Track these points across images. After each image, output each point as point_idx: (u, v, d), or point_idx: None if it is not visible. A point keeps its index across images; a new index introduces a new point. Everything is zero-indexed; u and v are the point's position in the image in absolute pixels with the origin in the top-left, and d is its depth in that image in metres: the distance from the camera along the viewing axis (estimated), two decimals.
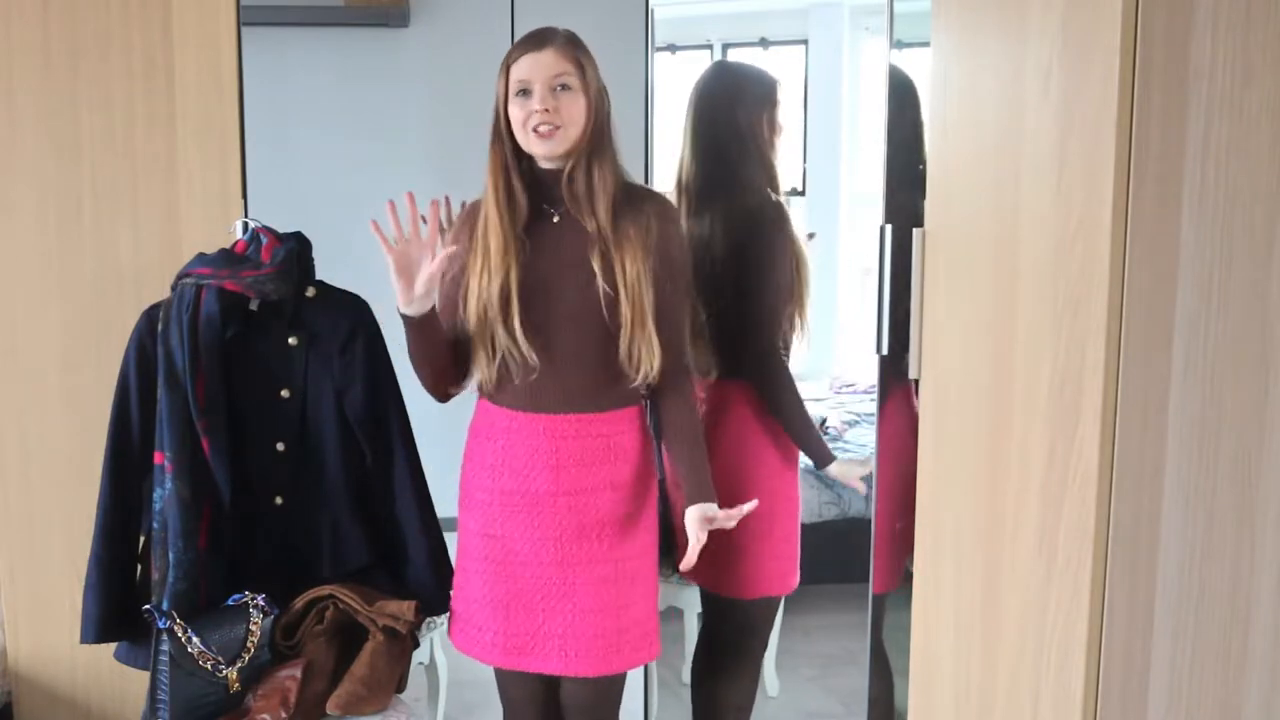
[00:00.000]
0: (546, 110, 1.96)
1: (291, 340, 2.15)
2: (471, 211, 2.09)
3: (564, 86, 1.98)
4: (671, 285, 2.08)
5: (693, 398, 2.18)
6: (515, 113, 2.00)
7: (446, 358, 2.08)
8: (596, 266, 1.99)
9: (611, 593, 2.06)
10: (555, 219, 2.04)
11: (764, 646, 2.60)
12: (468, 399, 2.15)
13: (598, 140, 2.02)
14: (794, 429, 2.41)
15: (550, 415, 2.04)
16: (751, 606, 2.49)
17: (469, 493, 2.14)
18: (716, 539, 2.44)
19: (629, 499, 2.09)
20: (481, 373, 2.06)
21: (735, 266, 2.35)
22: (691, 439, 2.12)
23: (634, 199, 2.07)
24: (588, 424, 2.05)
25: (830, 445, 3.88)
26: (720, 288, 2.36)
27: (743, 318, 2.37)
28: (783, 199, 2.43)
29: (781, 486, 2.45)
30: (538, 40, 2.00)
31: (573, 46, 2.01)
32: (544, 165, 2.04)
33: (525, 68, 1.99)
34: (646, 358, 2.02)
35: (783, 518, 2.46)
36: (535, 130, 1.98)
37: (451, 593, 2.18)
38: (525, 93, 1.99)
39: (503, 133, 2.03)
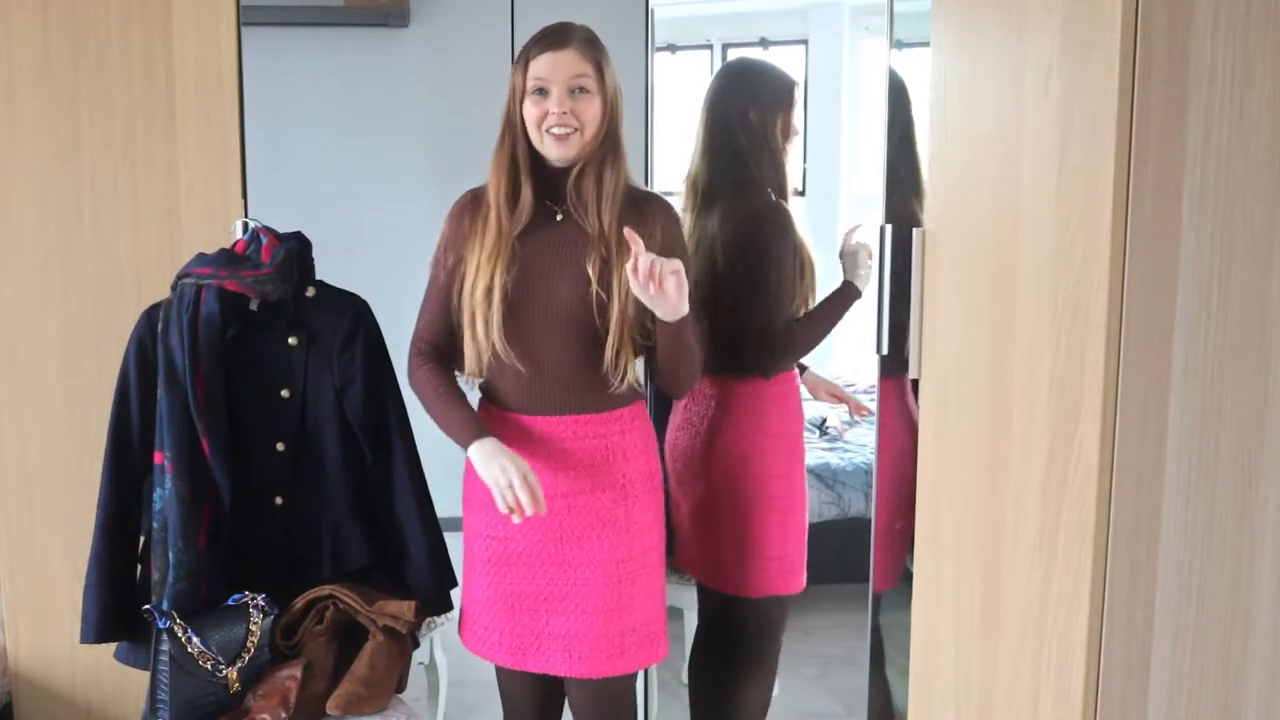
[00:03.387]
0: (564, 113, 1.95)
1: (291, 340, 2.15)
2: (471, 200, 2.07)
3: (582, 89, 1.96)
4: None
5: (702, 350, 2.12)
6: (530, 111, 1.97)
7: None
8: (592, 271, 1.97)
9: (614, 593, 2.05)
10: (559, 217, 2.02)
11: (778, 646, 2.58)
12: (466, 395, 2.14)
13: (611, 142, 2.01)
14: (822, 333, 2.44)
15: (547, 418, 2.03)
16: (760, 605, 2.46)
17: (471, 493, 2.13)
18: (724, 537, 2.42)
19: (630, 499, 2.07)
20: (469, 366, 2.04)
21: (737, 268, 2.35)
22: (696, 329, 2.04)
23: (637, 202, 2.04)
24: (586, 425, 2.04)
25: (830, 445, 3.90)
26: (724, 288, 2.35)
27: (745, 319, 2.36)
28: (789, 202, 2.42)
29: (789, 486, 2.44)
30: (558, 38, 1.97)
31: (593, 47, 1.99)
32: (554, 164, 2.02)
33: (544, 66, 1.96)
34: (629, 366, 2.01)
35: (790, 515, 2.44)
36: (550, 132, 1.96)
37: (461, 592, 2.18)
38: (542, 91, 1.96)
39: (516, 126, 2.00)
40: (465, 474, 2.17)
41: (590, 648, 2.05)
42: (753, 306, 2.35)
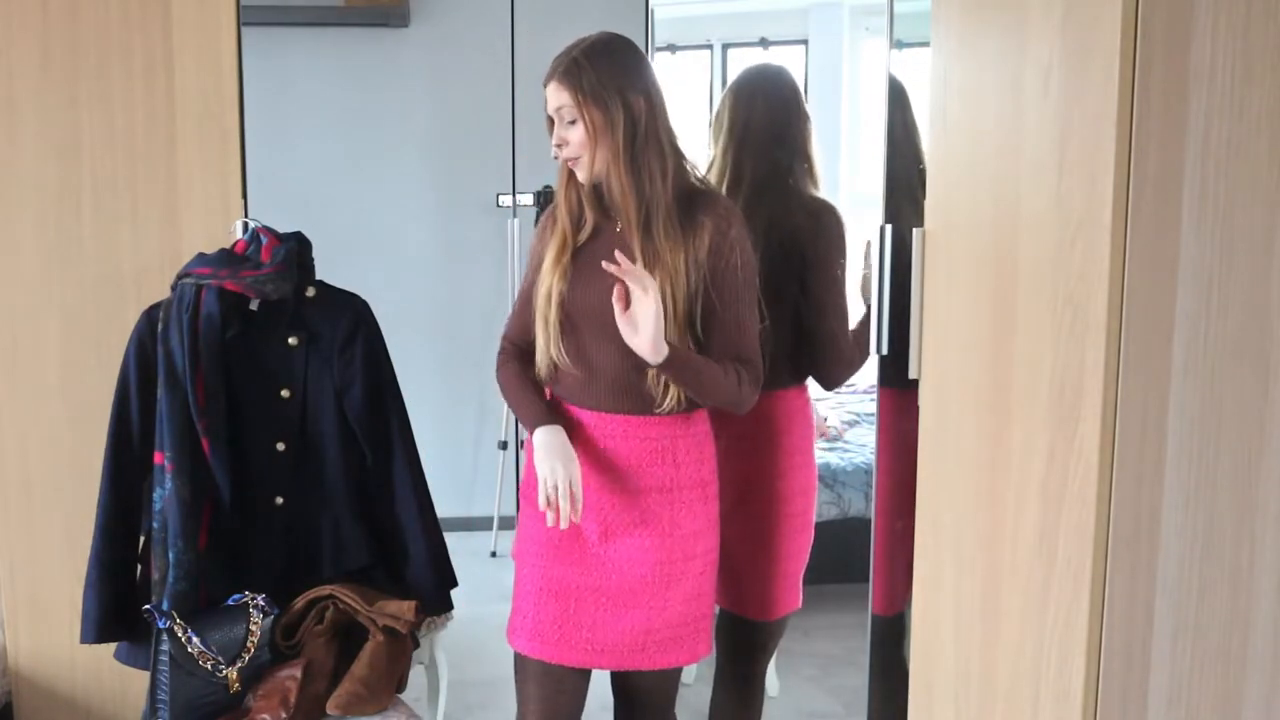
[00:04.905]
0: (558, 145, 2.00)
1: (291, 340, 2.15)
2: (552, 210, 2.12)
3: (570, 119, 1.98)
4: (730, 296, 2.00)
5: (738, 374, 2.00)
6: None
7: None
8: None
9: (649, 592, 2.04)
10: (619, 228, 2.03)
11: (768, 662, 2.56)
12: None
13: (625, 156, 1.96)
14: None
15: (599, 413, 2.04)
16: (771, 626, 2.42)
17: (530, 478, 2.12)
18: (741, 562, 2.38)
19: (676, 504, 2.05)
20: (537, 365, 2.08)
21: (801, 268, 2.24)
22: (705, 362, 1.98)
23: (692, 209, 2.00)
24: (636, 426, 2.03)
25: (830, 445, 3.89)
26: (781, 288, 2.22)
27: (809, 324, 2.26)
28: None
29: (804, 506, 2.39)
30: (548, 72, 2.01)
31: (571, 75, 1.96)
32: None
33: (546, 100, 2.02)
34: (671, 385, 1.98)
35: (800, 534, 2.40)
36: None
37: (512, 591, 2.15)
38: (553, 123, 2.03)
39: None
40: (528, 461, 2.14)
41: (614, 641, 2.05)
42: (818, 310, 2.25)
